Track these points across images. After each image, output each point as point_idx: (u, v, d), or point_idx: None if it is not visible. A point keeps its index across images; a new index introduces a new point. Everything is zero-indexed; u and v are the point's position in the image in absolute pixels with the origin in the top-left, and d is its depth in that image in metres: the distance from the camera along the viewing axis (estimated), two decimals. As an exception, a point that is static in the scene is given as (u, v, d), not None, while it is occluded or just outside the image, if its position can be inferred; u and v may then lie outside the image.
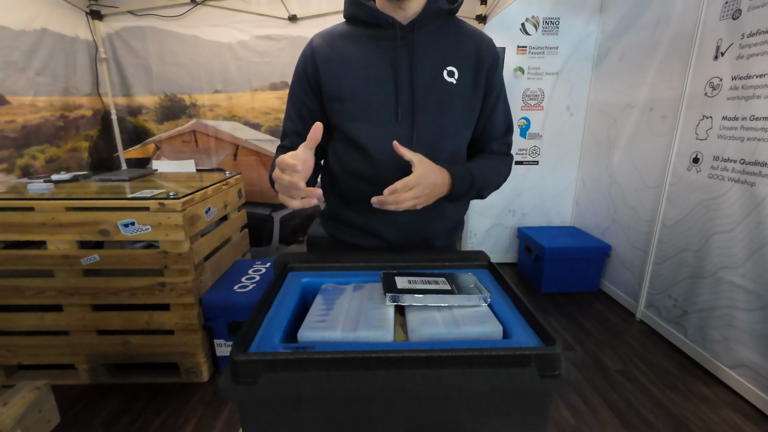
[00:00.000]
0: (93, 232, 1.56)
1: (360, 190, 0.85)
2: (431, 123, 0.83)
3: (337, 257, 0.80)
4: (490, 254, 0.85)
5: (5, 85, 1.92)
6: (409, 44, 0.81)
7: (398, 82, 0.80)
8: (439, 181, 0.77)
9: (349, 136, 0.83)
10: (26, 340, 1.70)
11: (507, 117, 0.94)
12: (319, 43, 0.84)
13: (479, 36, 0.87)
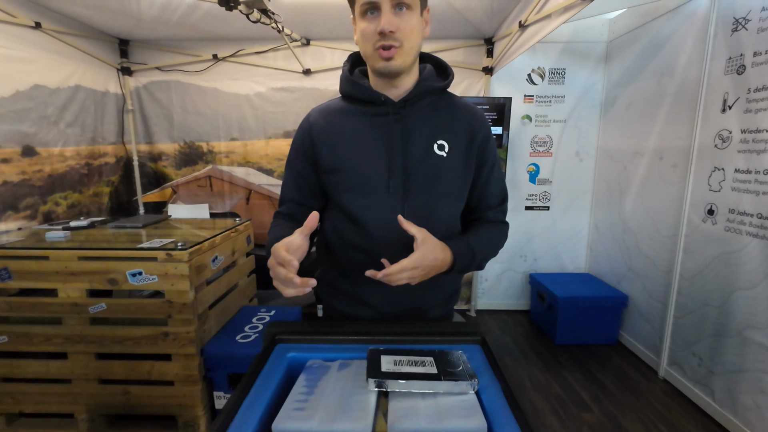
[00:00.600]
0: (102, 281, 1.60)
1: (354, 259, 0.86)
2: (423, 195, 0.84)
3: (327, 328, 0.79)
4: (501, 301, 0.84)
5: (37, 138, 2.05)
6: (401, 120, 0.84)
7: (391, 156, 0.83)
8: (439, 259, 0.77)
9: (344, 207, 0.85)
10: (30, 388, 1.70)
11: (501, 186, 0.95)
12: (316, 119, 0.88)
13: (471, 110, 0.90)
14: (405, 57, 0.78)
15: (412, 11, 0.77)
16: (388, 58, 0.77)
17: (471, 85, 2.73)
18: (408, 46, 0.78)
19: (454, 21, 2.35)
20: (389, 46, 0.76)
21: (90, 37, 2.41)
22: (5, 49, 1.86)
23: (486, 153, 0.89)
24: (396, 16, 0.75)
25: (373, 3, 0.74)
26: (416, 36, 0.79)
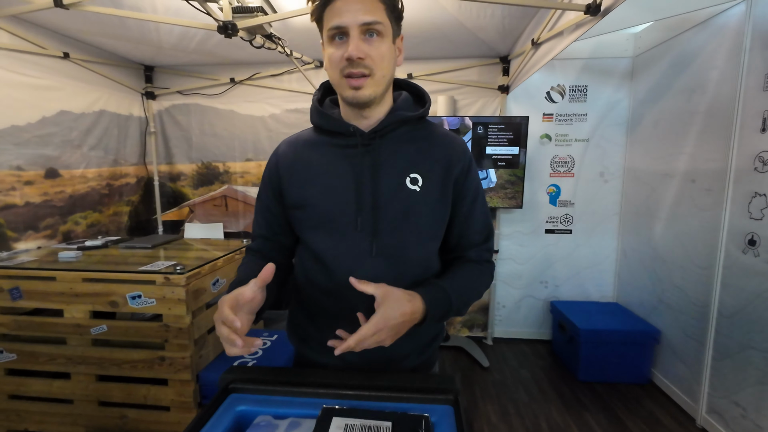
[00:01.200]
0: (104, 303, 1.62)
1: (320, 302, 0.80)
2: (393, 233, 0.77)
3: (285, 378, 0.72)
4: (520, 329, 0.76)
5: (60, 161, 2.15)
6: (371, 152, 0.78)
7: (359, 190, 0.77)
8: (407, 313, 0.69)
9: (309, 246, 0.80)
10: (34, 406, 1.73)
11: (486, 222, 0.86)
12: (285, 151, 0.84)
13: (449, 140, 0.83)
14: (375, 86, 0.73)
15: (383, 38, 0.72)
16: (357, 87, 0.71)
17: (486, 105, 2.65)
18: (379, 75, 0.72)
19: (466, 41, 2.30)
20: (358, 74, 0.71)
21: (116, 65, 2.54)
22: (34, 78, 1.98)
23: (466, 186, 0.82)
24: (365, 42, 0.70)
25: (341, 28, 0.69)
26: (387, 64, 0.74)
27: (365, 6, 0.68)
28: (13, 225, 1.91)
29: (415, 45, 2.34)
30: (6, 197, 1.87)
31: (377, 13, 0.69)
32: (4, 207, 1.86)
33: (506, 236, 2.80)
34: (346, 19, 0.68)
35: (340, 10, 0.68)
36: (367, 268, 0.75)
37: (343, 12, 0.68)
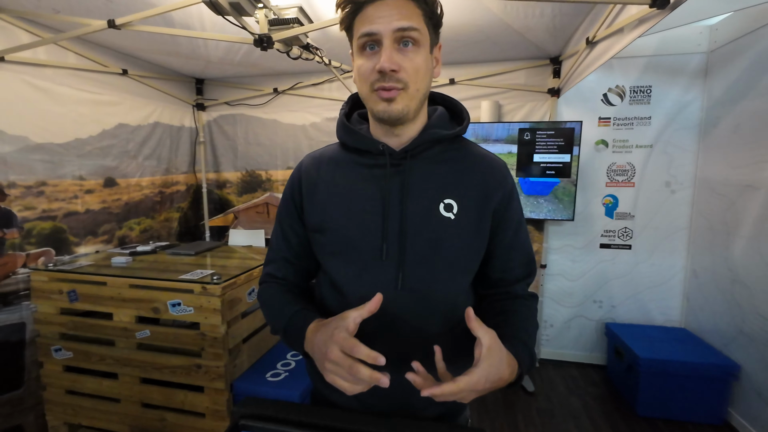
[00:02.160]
0: (148, 308, 1.68)
1: None
2: (421, 264, 0.69)
3: (298, 417, 0.67)
4: (570, 351, 0.68)
5: (118, 171, 2.30)
6: (401, 173, 0.70)
7: (386, 215, 0.69)
8: (504, 378, 0.60)
9: (328, 273, 0.74)
10: (87, 402, 1.84)
11: (528, 255, 0.77)
12: (308, 168, 0.78)
13: (488, 163, 0.74)
14: (409, 101, 0.65)
15: (419, 48, 0.64)
16: (389, 99, 0.64)
17: (534, 109, 2.48)
18: (413, 89, 0.65)
19: (512, 42, 2.16)
20: (390, 87, 0.64)
21: (170, 79, 2.69)
22: (96, 94, 2.13)
23: (507, 215, 0.73)
24: (399, 52, 0.63)
25: (373, 35, 0.62)
26: (423, 77, 0.66)
27: (400, 11, 0.61)
28: (75, 230, 2.06)
29: (456, 49, 2.25)
30: (69, 205, 2.02)
31: (414, 19, 0.62)
32: (67, 214, 2.01)
33: (555, 250, 2.60)
34: (378, 26, 0.61)
35: (371, 16, 0.62)
36: (393, 303, 0.68)
37: (374, 18, 0.62)
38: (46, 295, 1.80)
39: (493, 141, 2.34)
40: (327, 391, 0.79)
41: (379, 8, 0.62)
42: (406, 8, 0.62)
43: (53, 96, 1.91)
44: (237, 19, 1.29)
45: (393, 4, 0.62)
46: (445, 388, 0.54)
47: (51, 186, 1.93)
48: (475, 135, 2.36)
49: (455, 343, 0.73)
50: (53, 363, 1.83)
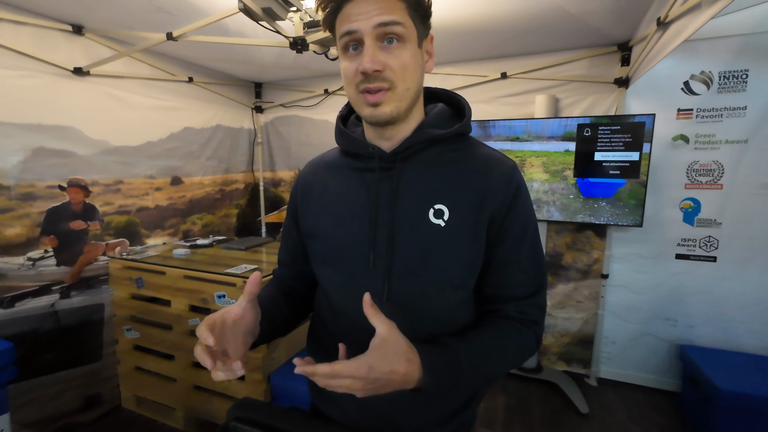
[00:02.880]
0: (198, 299, 1.82)
1: (325, 344, 0.72)
2: (408, 276, 0.65)
3: (289, 425, 0.66)
4: (635, 373, 0.62)
5: (183, 170, 2.52)
6: (392, 177, 0.66)
7: (375, 222, 0.66)
8: (398, 374, 0.55)
9: (319, 280, 0.72)
10: (151, 379, 2.05)
11: (534, 271, 0.67)
12: (305, 173, 0.78)
13: (489, 165, 0.66)
14: (398, 102, 0.61)
15: (405, 43, 0.60)
16: (375, 103, 0.61)
17: (597, 102, 2.24)
18: (401, 88, 0.61)
19: (572, 29, 1.96)
20: (376, 88, 0.60)
21: (231, 84, 2.88)
22: (164, 101, 2.35)
23: (506, 224, 0.65)
24: (383, 50, 0.59)
25: (353, 33, 0.58)
26: (412, 74, 0.61)
27: (381, 5, 0.57)
28: (145, 224, 2.30)
29: (507, 41, 2.10)
30: (141, 201, 2.26)
31: (396, 12, 0.58)
32: (139, 209, 2.25)
33: (619, 259, 2.33)
34: (358, 23, 0.58)
35: (351, 14, 0.58)
36: None
37: (354, 16, 0.58)
38: (120, 280, 2.03)
39: (546, 138, 2.16)
40: (321, 404, 0.77)
41: (358, 5, 0.58)
42: (387, 2, 0.57)
43: (129, 104, 2.15)
44: (271, 24, 1.33)
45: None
46: (318, 368, 0.52)
47: (126, 184, 2.17)
48: (527, 132, 2.20)
49: None
50: (125, 341, 2.06)
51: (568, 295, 2.42)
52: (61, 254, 1.89)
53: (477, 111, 2.46)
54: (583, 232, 2.36)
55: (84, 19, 1.82)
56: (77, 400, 1.97)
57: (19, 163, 1.71)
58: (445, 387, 0.59)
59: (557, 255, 2.41)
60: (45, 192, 1.81)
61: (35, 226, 1.78)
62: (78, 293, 1.97)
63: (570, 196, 2.16)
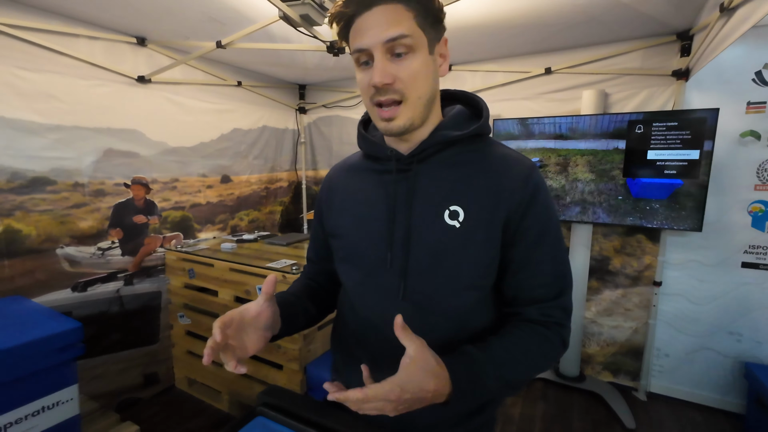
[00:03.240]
0: (241, 290, 1.93)
1: (345, 339, 0.74)
2: (423, 275, 0.66)
3: (310, 414, 0.70)
4: (691, 390, 0.65)
5: (232, 169, 2.68)
6: (409, 178, 0.68)
7: (392, 222, 0.68)
8: (428, 392, 0.56)
9: (341, 278, 0.75)
10: (200, 363, 2.20)
11: (556, 272, 0.65)
12: (331, 175, 0.81)
13: (506, 165, 0.65)
14: (411, 112, 0.62)
15: (415, 53, 0.60)
16: (389, 118, 0.62)
17: (652, 97, 2.08)
18: (413, 97, 0.62)
19: (624, 19, 1.84)
20: (389, 101, 0.61)
21: (277, 87, 3.01)
22: (215, 104, 2.51)
23: (524, 225, 0.63)
24: (393, 62, 0.60)
25: (363, 50, 0.60)
26: (424, 82, 0.62)
27: (388, 18, 0.58)
28: (198, 219, 2.47)
29: (551, 35, 2.01)
30: (194, 198, 2.44)
31: (403, 24, 0.58)
32: (192, 205, 2.43)
33: (675, 266, 2.16)
34: (367, 39, 0.59)
35: (360, 29, 0.60)
36: (393, 313, 0.66)
37: (363, 32, 0.59)
38: (175, 271, 2.21)
39: (593, 136, 2.05)
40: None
41: (366, 20, 0.59)
42: (393, 14, 0.58)
43: (185, 108, 2.32)
44: (308, 30, 1.38)
45: (380, 12, 0.58)
46: (350, 395, 0.53)
47: (181, 182, 2.35)
48: (572, 129, 2.09)
49: None
50: (179, 327, 2.24)
51: (616, 302, 2.28)
52: (126, 245, 2.10)
53: (519, 108, 2.38)
54: (634, 235, 2.21)
55: (147, 31, 2.00)
56: (137, 377, 2.17)
57: (92, 163, 1.91)
58: (472, 399, 0.60)
59: (604, 259, 2.28)
60: (113, 189, 2.01)
61: (104, 220, 1.99)
62: (139, 281, 2.17)
63: (619, 197, 2.03)
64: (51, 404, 0.98)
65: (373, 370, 0.67)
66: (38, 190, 1.72)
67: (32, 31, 1.65)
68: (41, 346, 0.94)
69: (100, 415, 1.17)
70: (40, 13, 1.67)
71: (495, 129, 2.28)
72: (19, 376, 0.91)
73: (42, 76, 1.69)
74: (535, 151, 2.21)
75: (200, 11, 1.74)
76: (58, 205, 1.80)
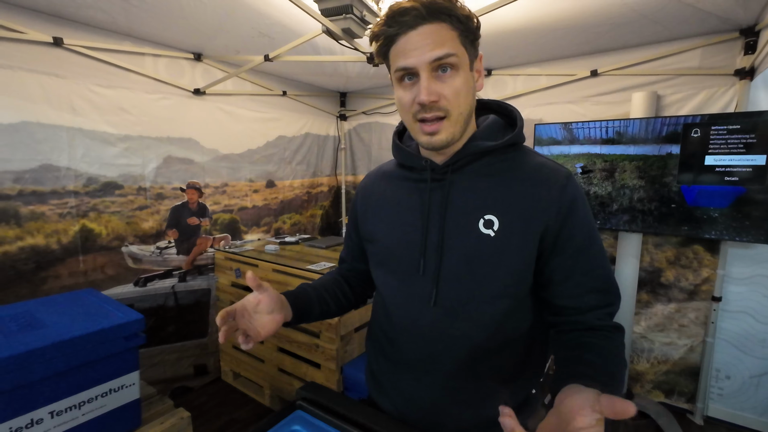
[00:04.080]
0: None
1: (378, 339, 0.77)
2: (455, 282, 0.67)
3: (345, 411, 0.73)
4: (757, 417, 0.68)
5: (276, 174, 2.82)
6: (443, 187, 0.70)
7: (426, 230, 0.70)
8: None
9: (375, 281, 0.78)
10: (245, 358, 2.34)
11: (601, 279, 0.66)
12: (365, 183, 0.85)
13: (543, 176, 0.66)
14: (453, 127, 0.65)
15: (458, 71, 0.62)
16: (433, 132, 0.65)
17: (712, 98, 1.94)
18: (456, 113, 0.64)
19: (680, 17, 1.74)
20: (433, 117, 0.64)
21: (319, 95, 3.13)
22: (262, 113, 2.66)
23: (564, 234, 0.64)
24: (438, 80, 0.62)
25: (409, 69, 0.62)
26: (465, 99, 0.64)
27: (434, 38, 0.60)
28: (244, 221, 2.62)
29: (599, 35, 1.94)
30: (242, 201, 2.59)
31: (449, 44, 0.61)
32: (240, 208, 2.58)
33: (739, 281, 1.99)
34: (413, 59, 0.61)
35: (405, 48, 0.62)
36: (426, 318, 0.68)
37: (408, 51, 0.61)
38: (223, 270, 2.36)
39: (643, 141, 1.94)
40: (375, 394, 0.84)
41: (411, 39, 0.61)
42: (440, 34, 0.60)
43: (235, 117, 2.48)
44: (349, 42, 1.44)
45: (426, 32, 0.60)
46: None
47: (231, 186, 2.51)
48: (620, 134, 2.00)
49: (491, 365, 0.69)
50: (225, 322, 2.38)
51: (669, 317, 2.14)
52: (181, 245, 2.27)
53: (564, 112, 2.31)
54: (690, 246, 2.06)
55: (203, 47, 2.16)
56: (189, 368, 2.34)
57: (154, 169, 2.10)
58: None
59: (655, 271, 2.15)
60: (170, 193, 2.19)
61: (162, 221, 2.17)
62: (192, 278, 2.34)
63: (672, 205, 1.91)
64: (117, 387, 1.09)
65: (404, 371, 0.70)
66: (109, 194, 1.92)
67: (107, 51, 1.85)
68: (110, 334, 1.05)
69: (157, 401, 1.28)
70: (113, 36, 1.87)
71: (537, 134, 2.23)
72: (92, 360, 1.02)
73: (114, 92, 1.89)
74: (579, 157, 2.13)
75: (251, 27, 1.86)
76: (124, 207, 1.99)
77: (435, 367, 0.69)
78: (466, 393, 0.69)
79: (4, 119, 1.56)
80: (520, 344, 0.70)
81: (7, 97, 1.56)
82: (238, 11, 1.68)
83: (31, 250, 1.67)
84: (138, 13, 1.68)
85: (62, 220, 1.76)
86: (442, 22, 0.60)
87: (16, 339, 0.96)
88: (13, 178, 1.61)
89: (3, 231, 1.59)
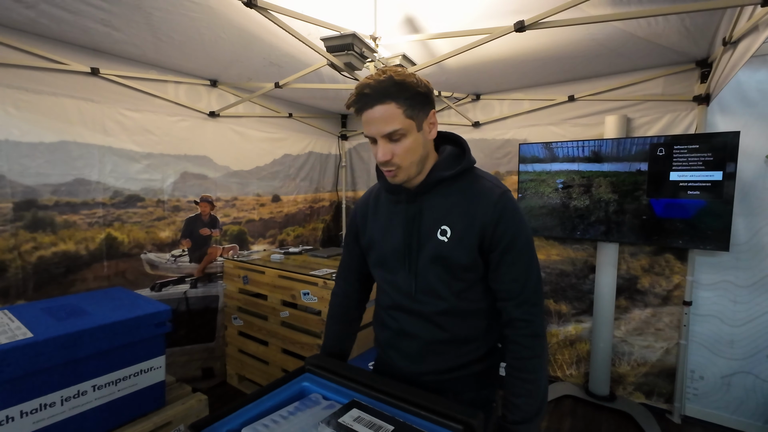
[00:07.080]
0: (288, 295, 2.20)
1: (381, 318, 1.01)
2: (426, 274, 0.91)
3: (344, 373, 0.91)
4: (729, 415, 0.83)
5: (281, 190, 3.02)
6: (417, 206, 0.92)
7: (408, 236, 0.92)
8: None
9: (377, 279, 1.02)
10: (250, 361, 2.48)
11: (519, 272, 0.87)
12: (362, 202, 1.06)
13: (482, 194, 0.88)
14: (406, 173, 0.87)
15: (407, 136, 0.83)
16: (392, 176, 0.88)
17: (675, 121, 2.16)
18: (407, 164, 0.85)
19: (641, 51, 1.98)
20: (389, 170, 0.86)
21: (322, 117, 3.37)
22: (269, 133, 2.89)
23: (495, 237, 0.85)
24: (391, 143, 0.83)
25: (371, 138, 0.85)
26: (414, 153, 0.85)
27: (384, 117, 0.80)
28: (251, 233, 2.81)
29: (575, 65, 2.18)
30: (249, 214, 2.78)
31: (395, 121, 0.81)
32: (248, 221, 2.78)
33: (707, 286, 2.16)
34: (372, 131, 0.84)
35: (367, 121, 0.84)
36: (411, 300, 0.94)
37: (369, 124, 0.83)
38: (231, 277, 2.53)
39: (615, 159, 2.15)
40: (380, 352, 1.06)
41: (369, 116, 0.82)
42: (388, 113, 0.80)
43: (245, 137, 2.70)
44: (350, 74, 1.66)
45: (379, 112, 0.80)
46: None
47: (240, 200, 2.71)
48: (594, 153, 2.21)
49: (456, 330, 0.92)
50: (232, 327, 2.54)
51: (645, 322, 2.30)
52: (193, 253, 2.45)
53: (545, 133, 2.54)
54: (662, 255, 2.24)
55: (218, 75, 2.40)
56: (197, 370, 2.48)
57: (172, 183, 2.30)
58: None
59: (632, 278, 2.32)
60: (186, 205, 2.39)
61: (178, 231, 2.36)
62: (202, 285, 2.51)
63: (643, 216, 2.10)
64: (147, 368, 1.26)
65: (399, 337, 0.91)
66: (131, 205, 2.12)
67: (135, 80, 2.08)
68: (145, 320, 1.23)
69: (177, 387, 1.45)
70: (141, 66, 2.11)
71: (521, 152, 2.44)
72: (129, 342, 1.19)
73: (141, 115, 2.11)
74: (559, 173, 2.34)
75: (262, 57, 2.10)
76: (145, 218, 2.18)
77: (419, 332, 0.94)
78: (440, 347, 0.93)
79: (47, 139, 1.78)
80: (478, 316, 0.93)
81: (51, 120, 1.78)
82: (253, 44, 1.91)
83: (63, 255, 1.86)
84: (165, 47, 1.92)
85: (90, 228, 1.95)
86: (390, 102, 0.80)
87: (68, 322, 1.14)
88: (51, 190, 1.81)
89: (40, 237, 1.78)
